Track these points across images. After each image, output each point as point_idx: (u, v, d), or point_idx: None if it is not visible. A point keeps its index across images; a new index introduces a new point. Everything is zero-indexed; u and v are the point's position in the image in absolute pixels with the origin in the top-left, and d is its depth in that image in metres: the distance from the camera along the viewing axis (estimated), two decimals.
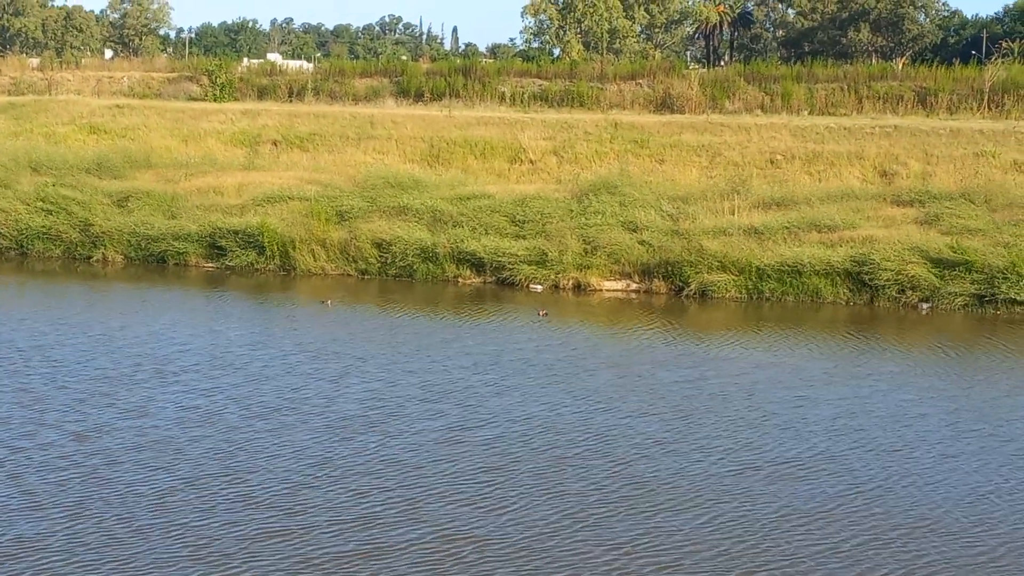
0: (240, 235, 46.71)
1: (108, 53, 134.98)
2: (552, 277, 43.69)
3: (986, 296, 40.20)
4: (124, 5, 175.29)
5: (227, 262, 46.70)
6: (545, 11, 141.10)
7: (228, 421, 26.37)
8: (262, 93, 76.24)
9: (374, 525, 20.64)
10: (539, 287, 43.43)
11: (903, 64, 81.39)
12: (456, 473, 23.24)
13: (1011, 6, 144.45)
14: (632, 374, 31.44)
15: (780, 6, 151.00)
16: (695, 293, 42.19)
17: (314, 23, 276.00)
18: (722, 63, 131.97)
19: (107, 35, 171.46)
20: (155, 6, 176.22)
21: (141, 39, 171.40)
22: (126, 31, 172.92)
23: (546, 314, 38.95)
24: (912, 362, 33.84)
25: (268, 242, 46.00)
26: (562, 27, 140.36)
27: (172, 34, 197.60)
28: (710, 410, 27.99)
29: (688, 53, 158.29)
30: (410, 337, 35.32)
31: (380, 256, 45.56)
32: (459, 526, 20.67)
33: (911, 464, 24.45)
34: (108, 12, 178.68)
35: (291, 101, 73.87)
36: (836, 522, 21.21)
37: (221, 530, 20.31)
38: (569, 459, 24.29)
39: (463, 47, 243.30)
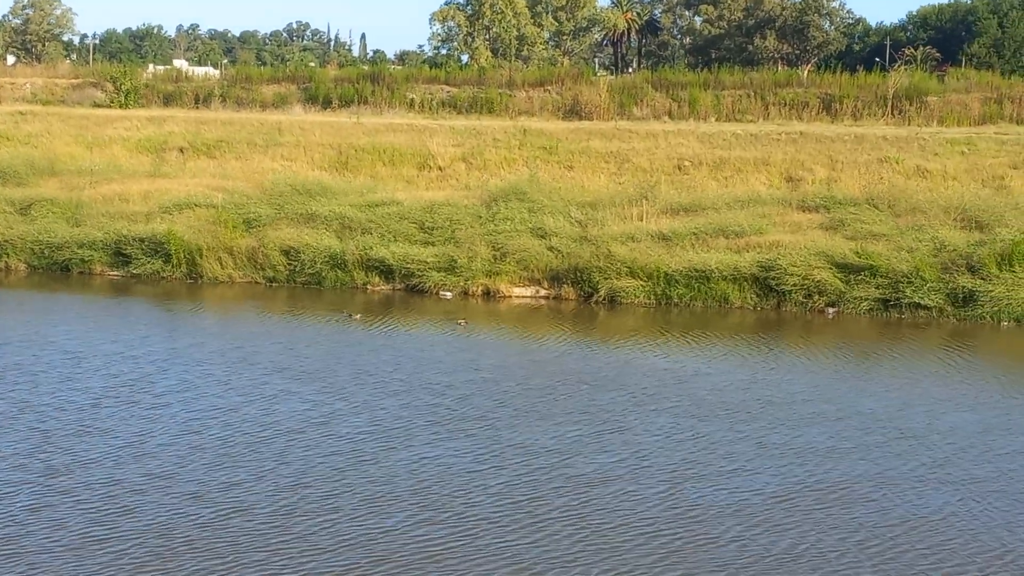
0: (146, 243, 46.12)
1: (10, 59, 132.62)
2: (462, 284, 43.55)
3: (891, 300, 40.70)
4: (26, 11, 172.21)
5: (132, 270, 46.07)
6: (453, 18, 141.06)
7: (234, 448, 24.40)
8: (168, 100, 75.62)
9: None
10: (449, 294, 43.31)
11: (808, 71, 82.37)
12: (512, 509, 21.44)
13: (914, 13, 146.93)
14: (635, 390, 29.76)
15: (687, 13, 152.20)
16: (604, 299, 42.26)
17: (220, 29, 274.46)
18: (630, 70, 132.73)
19: (9, 41, 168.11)
20: (58, 11, 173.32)
21: (44, 45, 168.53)
22: (28, 37, 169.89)
23: (465, 322, 38.76)
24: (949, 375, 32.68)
25: (175, 250, 45.46)
26: (470, 34, 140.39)
27: (76, 40, 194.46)
28: (745, 435, 26.13)
29: (596, 60, 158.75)
30: (394, 356, 33.31)
31: (288, 264, 45.19)
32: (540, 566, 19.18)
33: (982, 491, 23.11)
34: (10, 17, 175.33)
35: (198, 108, 73.30)
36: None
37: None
38: (621, 486, 22.51)
39: (371, 54, 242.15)
